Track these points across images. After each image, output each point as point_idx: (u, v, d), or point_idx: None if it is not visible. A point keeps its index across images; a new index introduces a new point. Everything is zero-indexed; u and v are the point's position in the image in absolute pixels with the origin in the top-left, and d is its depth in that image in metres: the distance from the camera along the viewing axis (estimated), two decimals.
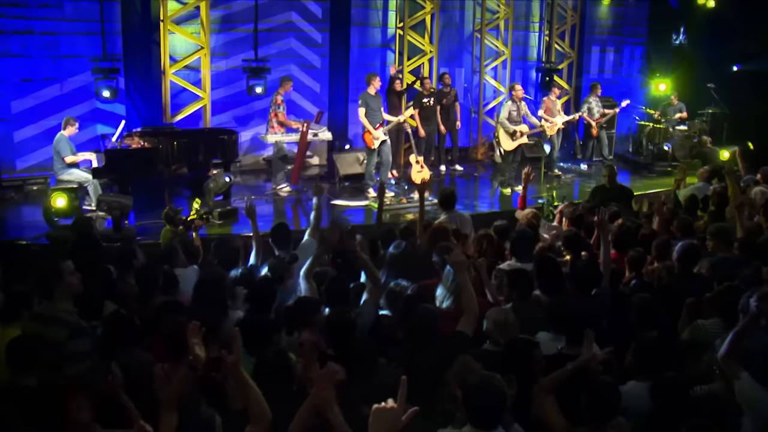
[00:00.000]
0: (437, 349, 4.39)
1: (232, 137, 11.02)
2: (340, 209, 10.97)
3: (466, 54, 15.19)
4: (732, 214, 7.26)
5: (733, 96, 15.44)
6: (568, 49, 16.22)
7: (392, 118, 11.94)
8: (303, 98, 13.39)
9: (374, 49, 14.15)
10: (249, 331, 4.30)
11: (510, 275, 5.33)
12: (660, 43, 17.60)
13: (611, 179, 8.92)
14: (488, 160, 15.11)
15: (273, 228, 6.64)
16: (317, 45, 13.56)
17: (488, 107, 15.40)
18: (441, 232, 6.30)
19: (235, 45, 12.68)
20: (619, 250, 6.30)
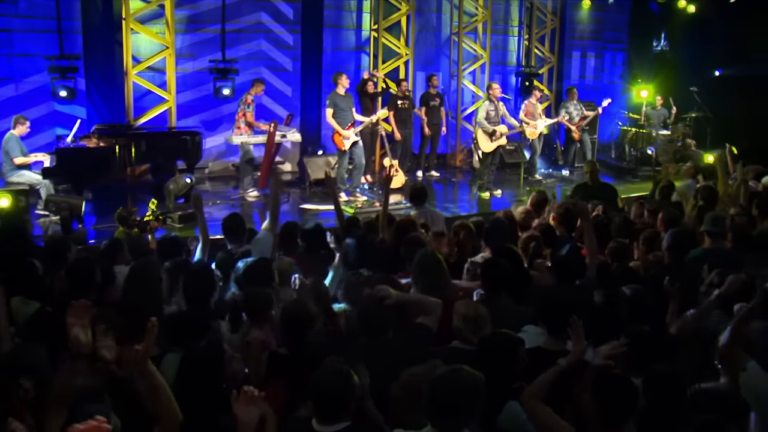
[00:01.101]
0: (394, 345, 3.89)
1: (195, 138, 10.48)
2: (311, 214, 10.45)
3: (444, 58, 14.78)
4: (722, 208, 6.86)
5: (716, 100, 15.23)
6: (548, 54, 15.86)
7: (364, 119, 11.47)
8: (274, 102, 12.88)
9: (348, 52, 13.69)
10: (180, 324, 3.78)
11: (483, 266, 4.83)
12: (641, 49, 17.37)
13: (593, 176, 8.48)
14: (467, 167, 14.66)
15: (225, 219, 6.09)
16: (289, 47, 13.09)
17: (466, 112, 14.98)
18: (407, 225, 5.79)
19: (202, 46, 12.18)
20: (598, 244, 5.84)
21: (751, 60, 15.25)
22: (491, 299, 4.55)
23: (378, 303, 4.08)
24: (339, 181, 11.15)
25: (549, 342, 3.89)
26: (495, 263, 4.75)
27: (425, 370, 3.35)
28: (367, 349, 3.87)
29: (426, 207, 7.12)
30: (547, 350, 3.79)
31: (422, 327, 4.07)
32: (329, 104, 10.98)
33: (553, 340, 3.86)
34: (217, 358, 3.37)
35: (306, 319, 3.95)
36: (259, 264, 4.80)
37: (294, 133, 11.50)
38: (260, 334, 4.02)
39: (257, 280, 4.59)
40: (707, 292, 4.44)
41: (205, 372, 3.31)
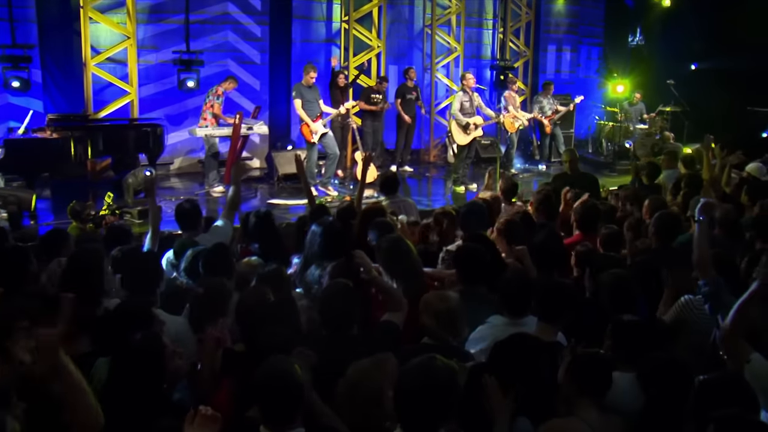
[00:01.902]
0: (359, 341, 3.48)
1: (157, 130, 9.99)
2: (280, 209, 10.01)
3: (417, 51, 14.43)
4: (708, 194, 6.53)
5: (693, 94, 15.05)
6: (523, 48, 15.56)
7: (332, 110, 11.05)
8: (241, 96, 12.42)
9: (318, 44, 13.29)
10: (117, 317, 3.34)
11: (456, 254, 4.43)
12: (617, 43, 17.21)
13: (572, 165, 8.12)
14: (441, 162, 14.31)
15: (178, 206, 5.63)
16: (256, 39, 12.65)
17: (440, 107, 14.63)
18: (375, 211, 5.38)
19: (165, 37, 11.71)
20: (585, 231, 5.48)
21: (727, 52, 15.07)
22: (467, 290, 4.16)
23: (342, 294, 3.65)
24: (308, 175, 10.72)
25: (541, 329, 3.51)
26: (470, 250, 4.35)
27: (372, 364, 2.92)
28: (328, 345, 3.46)
29: (398, 196, 6.72)
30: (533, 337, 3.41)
31: (389, 324, 3.66)
32: (295, 95, 10.58)
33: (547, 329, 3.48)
34: (156, 353, 2.95)
35: (264, 310, 3.54)
36: (216, 251, 4.36)
37: (261, 126, 11.06)
38: (215, 329, 3.60)
39: (214, 269, 4.17)
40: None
41: (142, 370, 2.89)
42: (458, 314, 3.56)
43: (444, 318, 3.52)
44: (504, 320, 3.78)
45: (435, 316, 3.54)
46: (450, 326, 3.54)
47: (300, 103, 10.49)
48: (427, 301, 3.63)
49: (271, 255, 4.83)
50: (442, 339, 3.50)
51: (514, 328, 3.59)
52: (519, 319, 3.75)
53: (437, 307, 3.56)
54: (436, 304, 3.58)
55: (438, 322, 3.52)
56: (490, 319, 3.82)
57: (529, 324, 3.71)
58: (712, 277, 3.80)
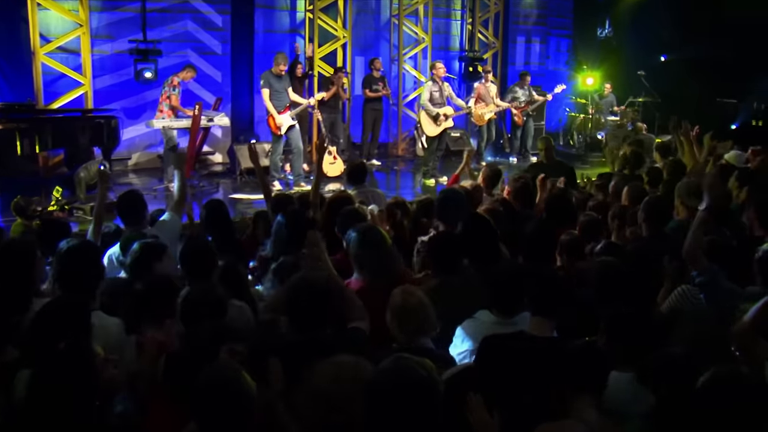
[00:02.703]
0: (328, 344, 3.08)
1: (112, 122, 9.46)
2: (243, 204, 9.57)
3: (384, 42, 14.05)
4: None
5: (663, 85, 14.92)
6: (492, 39, 15.25)
7: (301, 100, 10.63)
8: (202, 88, 11.90)
9: (282, 35, 12.82)
10: (46, 318, 2.91)
11: (429, 244, 4.05)
12: (586, 35, 17.04)
13: (548, 153, 7.81)
14: (409, 155, 13.96)
15: (120, 197, 5.16)
16: (217, 29, 12.14)
17: (408, 99, 14.26)
18: (342, 200, 4.99)
19: (121, 26, 11.15)
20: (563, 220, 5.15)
21: (696, 43, 14.94)
22: (443, 283, 3.78)
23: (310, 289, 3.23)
24: (273, 169, 10.31)
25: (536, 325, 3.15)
26: (443, 239, 3.98)
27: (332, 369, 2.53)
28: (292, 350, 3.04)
29: (366, 186, 6.34)
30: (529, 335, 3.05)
31: (355, 331, 3.25)
32: (263, 84, 10.13)
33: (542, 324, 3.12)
34: (82, 363, 2.52)
35: (213, 308, 3.13)
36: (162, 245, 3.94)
37: (222, 118, 10.57)
38: (158, 332, 3.19)
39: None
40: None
41: (66, 383, 2.45)
42: (422, 311, 3.16)
43: (405, 316, 3.13)
44: (493, 318, 3.41)
45: (395, 315, 3.16)
46: (413, 325, 3.15)
47: (268, 93, 10.06)
48: (392, 297, 3.24)
49: (224, 248, 4.41)
50: (406, 341, 3.11)
51: (504, 328, 3.24)
52: (510, 318, 3.39)
53: (395, 303, 3.18)
54: (394, 301, 3.19)
55: (399, 321, 3.13)
56: (478, 315, 3.46)
57: (521, 323, 3.35)
58: (705, 266, 3.49)
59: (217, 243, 4.57)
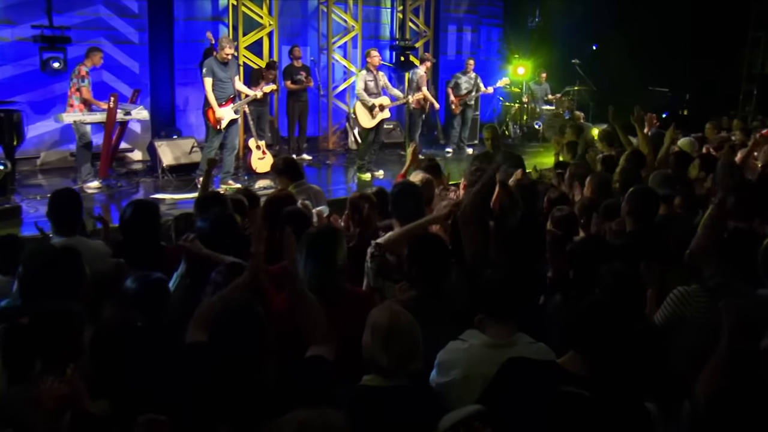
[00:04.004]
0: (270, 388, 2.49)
1: (13, 116, 8.54)
2: (166, 204, 8.81)
3: (311, 30, 13.41)
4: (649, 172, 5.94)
5: (595, 74, 14.83)
6: (423, 27, 14.78)
7: (248, 91, 9.90)
8: (118, 79, 11.04)
9: (203, 23, 12.01)
10: None
11: (413, 246, 3.49)
12: (516, 24, 16.80)
13: (494, 142, 7.38)
14: (341, 149, 13.38)
15: (53, 196, 4.35)
16: (133, 15, 11.27)
17: (338, 90, 13.65)
18: (284, 200, 4.40)
19: (23, 10, 10.14)
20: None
21: (626, 32, 14.87)
22: (424, 296, 3.25)
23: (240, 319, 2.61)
24: (203, 164, 9.56)
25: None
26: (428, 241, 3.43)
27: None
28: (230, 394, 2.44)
29: (304, 183, 5.74)
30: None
31: (316, 361, 2.66)
32: (206, 73, 9.28)
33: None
34: None
35: (132, 345, 2.49)
36: (61, 256, 3.21)
37: (141, 111, 9.75)
38: (57, 382, 2.46)
39: (58, 284, 3.01)
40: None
41: None
42: (414, 333, 2.61)
43: (393, 338, 2.55)
44: (485, 339, 2.89)
45: (381, 337, 2.56)
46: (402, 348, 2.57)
47: (210, 83, 9.24)
48: (371, 317, 2.66)
49: (148, 259, 3.74)
50: (394, 366, 2.55)
51: (499, 352, 2.73)
52: (507, 339, 2.88)
53: (380, 322, 2.59)
54: (379, 320, 2.61)
55: (386, 344, 2.54)
56: (466, 336, 2.93)
57: (520, 343, 2.86)
58: (717, 266, 3.06)
59: (138, 253, 3.89)
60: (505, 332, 2.91)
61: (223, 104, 9.36)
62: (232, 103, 9.43)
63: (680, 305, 3.31)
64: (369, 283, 3.91)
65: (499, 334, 2.90)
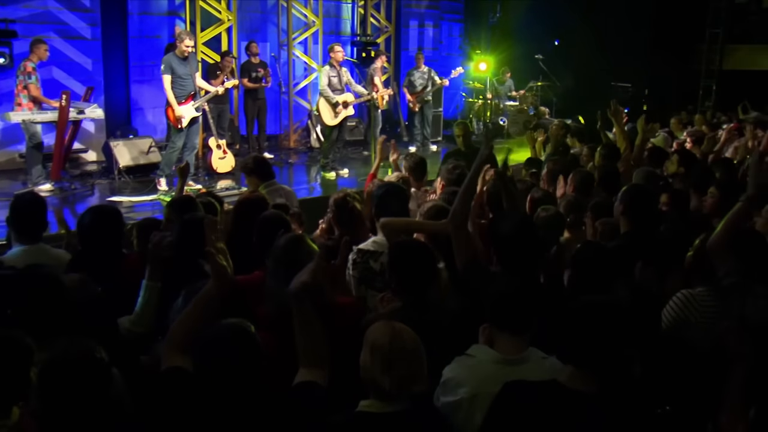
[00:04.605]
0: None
1: None
2: (123, 207, 8.42)
3: (271, 25, 13.06)
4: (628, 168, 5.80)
5: (558, 70, 14.78)
6: (384, 23, 14.55)
7: (210, 88, 9.53)
8: (69, 77, 10.57)
9: (159, 18, 11.61)
10: None
11: (393, 254, 3.24)
12: (477, 20, 16.69)
13: (465, 139, 7.17)
14: (302, 147, 13.07)
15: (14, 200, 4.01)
16: (85, 9, 10.78)
17: (299, 87, 13.34)
18: (256, 203, 4.11)
19: None
20: None
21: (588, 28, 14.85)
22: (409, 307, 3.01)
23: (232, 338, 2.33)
24: (164, 164, 9.19)
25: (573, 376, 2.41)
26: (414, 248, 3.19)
27: None
28: None
29: (275, 183, 5.46)
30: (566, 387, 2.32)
31: (308, 389, 2.37)
32: (164, 69, 8.87)
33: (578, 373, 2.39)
34: None
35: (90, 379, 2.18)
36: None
37: (94, 110, 9.31)
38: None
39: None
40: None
41: None
42: (419, 352, 2.36)
43: (396, 358, 2.29)
44: (494, 355, 2.65)
45: (382, 357, 2.30)
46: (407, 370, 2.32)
47: (169, 80, 8.84)
48: (370, 335, 2.39)
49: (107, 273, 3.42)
50: (396, 388, 2.29)
51: (509, 369, 2.51)
52: (518, 354, 2.66)
53: (381, 341, 2.32)
54: (379, 339, 2.34)
55: (388, 364, 2.28)
56: (473, 351, 2.69)
57: (532, 359, 2.65)
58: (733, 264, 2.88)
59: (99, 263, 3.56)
60: (516, 347, 2.69)
61: (183, 102, 8.98)
62: (192, 100, 9.06)
63: (685, 309, 3.14)
64: (351, 291, 3.67)
65: (509, 349, 2.68)
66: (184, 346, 2.32)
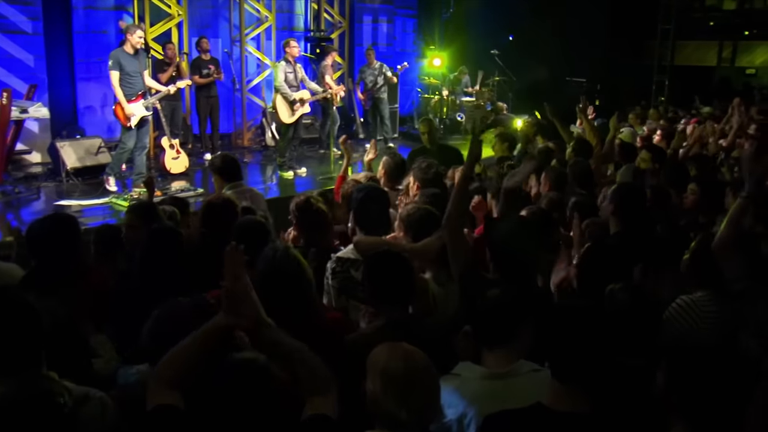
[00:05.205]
0: None
1: None
2: (73, 212, 8.02)
3: (223, 21, 12.68)
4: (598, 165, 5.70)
5: (513, 65, 14.75)
6: (338, 18, 14.30)
7: (160, 87, 9.13)
8: (10, 73, 10.02)
9: (106, 12, 11.13)
10: None
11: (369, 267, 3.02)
12: (431, 15, 16.55)
13: (431, 137, 6.96)
14: (257, 146, 12.75)
15: None
16: (25, 2, 10.23)
17: (252, 84, 12.99)
18: (225, 207, 3.85)
19: None
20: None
21: (543, 21, 14.85)
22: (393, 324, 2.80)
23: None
24: (114, 163, 8.79)
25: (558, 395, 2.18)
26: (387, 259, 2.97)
27: None
28: None
29: (243, 185, 5.16)
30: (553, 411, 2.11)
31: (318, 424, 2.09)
32: (112, 65, 8.40)
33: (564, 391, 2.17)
34: None
35: None
36: None
37: (39, 108, 8.86)
38: None
39: None
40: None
41: None
42: (433, 379, 2.16)
43: (410, 388, 2.06)
44: (480, 371, 2.48)
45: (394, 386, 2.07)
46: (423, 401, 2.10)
47: (117, 77, 8.40)
48: (375, 357, 2.17)
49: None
50: (415, 422, 2.06)
51: (497, 383, 2.32)
52: (506, 367, 2.47)
53: (393, 368, 2.10)
54: (390, 365, 2.11)
55: (401, 395, 2.05)
56: (459, 369, 2.51)
57: (521, 372, 2.47)
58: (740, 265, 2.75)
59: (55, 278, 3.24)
60: (503, 361, 2.52)
61: (132, 100, 8.57)
62: (142, 99, 8.66)
63: (686, 316, 3.01)
64: (331, 302, 3.44)
65: (496, 362, 2.53)
66: (176, 382, 2.06)
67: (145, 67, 8.87)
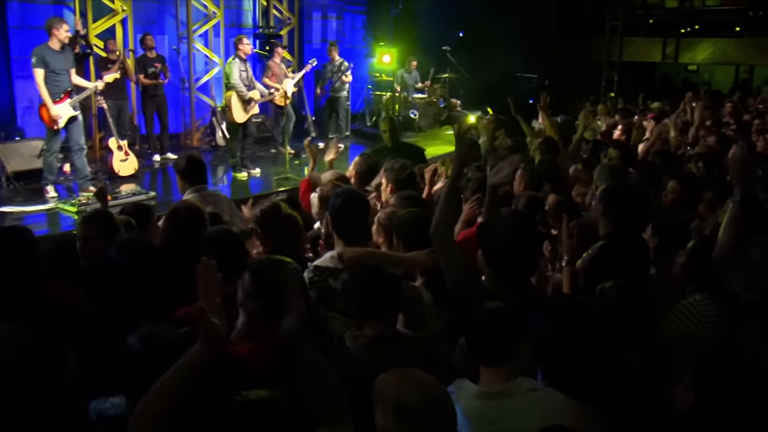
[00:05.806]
0: None
1: None
2: (14, 218, 7.60)
3: (169, 17, 12.25)
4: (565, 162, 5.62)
5: (466, 61, 14.70)
6: (287, 14, 14.00)
7: (87, 84, 8.70)
8: None
9: (44, 6, 10.60)
10: None
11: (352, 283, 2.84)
12: (380, 12, 16.40)
13: (392, 135, 6.77)
14: (206, 146, 12.38)
15: None
16: None
17: (200, 82, 12.60)
18: (193, 215, 3.59)
19: None
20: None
21: (493, 18, 14.82)
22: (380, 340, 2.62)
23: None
24: (47, 171, 8.32)
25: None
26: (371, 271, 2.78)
27: None
28: None
29: (206, 188, 4.86)
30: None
31: None
32: (36, 63, 7.91)
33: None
34: None
35: None
36: None
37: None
38: None
39: None
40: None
41: None
42: (451, 408, 1.99)
43: (430, 419, 1.89)
44: (475, 390, 2.33)
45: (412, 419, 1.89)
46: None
47: (42, 75, 7.92)
48: (383, 385, 1.98)
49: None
50: None
51: (492, 404, 2.21)
52: (502, 386, 2.32)
53: (408, 399, 1.90)
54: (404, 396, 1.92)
55: (419, 428, 1.89)
56: (454, 386, 2.36)
57: (519, 392, 2.32)
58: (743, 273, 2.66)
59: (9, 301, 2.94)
60: (498, 378, 2.39)
61: (58, 100, 8.07)
62: (69, 98, 8.19)
63: (688, 322, 2.91)
64: None
65: (491, 380, 2.39)
66: (166, 418, 1.84)
67: (72, 64, 8.35)
